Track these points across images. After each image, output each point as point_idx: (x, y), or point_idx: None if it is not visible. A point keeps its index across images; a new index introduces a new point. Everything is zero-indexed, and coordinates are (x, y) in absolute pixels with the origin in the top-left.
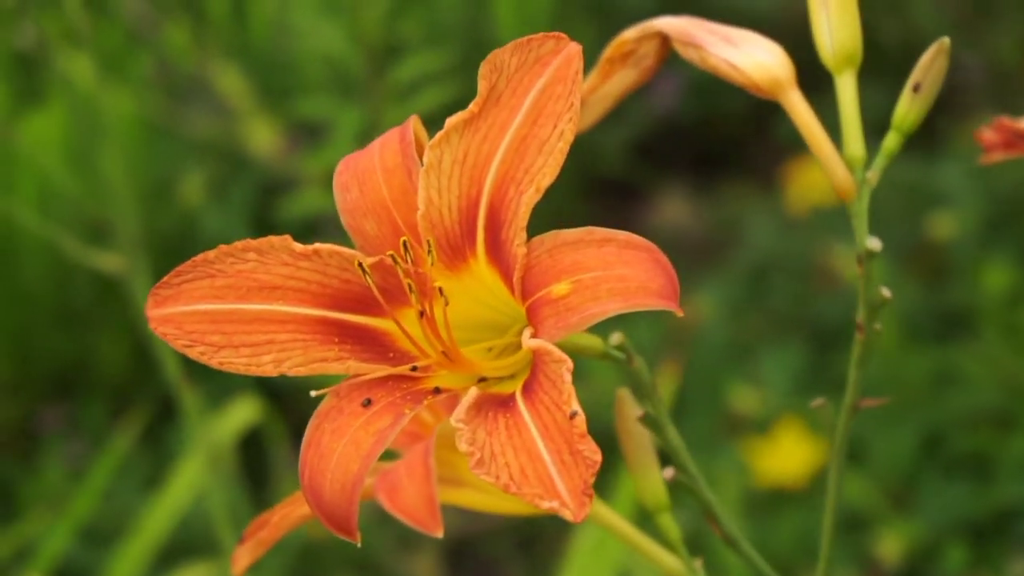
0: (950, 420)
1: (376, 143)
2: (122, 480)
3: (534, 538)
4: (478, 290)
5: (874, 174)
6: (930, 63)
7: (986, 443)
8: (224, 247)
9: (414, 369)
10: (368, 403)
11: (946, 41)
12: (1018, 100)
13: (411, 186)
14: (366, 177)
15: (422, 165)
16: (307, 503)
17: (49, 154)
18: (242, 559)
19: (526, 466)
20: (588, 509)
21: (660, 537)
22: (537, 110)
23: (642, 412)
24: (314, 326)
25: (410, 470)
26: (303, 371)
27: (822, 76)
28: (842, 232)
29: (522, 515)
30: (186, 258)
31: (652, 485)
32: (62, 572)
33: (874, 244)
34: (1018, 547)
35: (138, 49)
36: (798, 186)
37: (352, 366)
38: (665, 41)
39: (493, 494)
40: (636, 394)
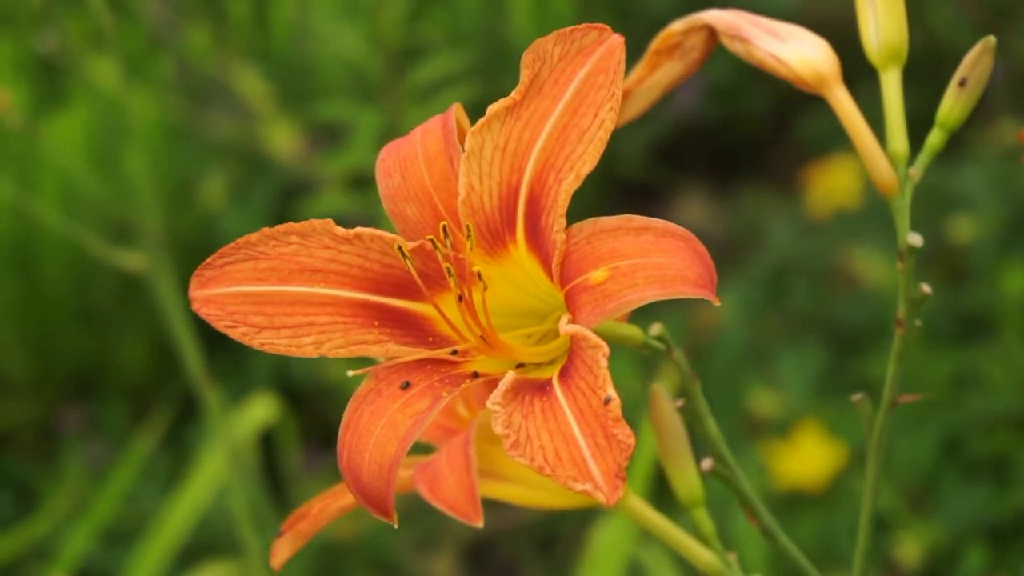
0: (969, 423)
1: (418, 130)
2: (142, 480)
3: (553, 538)
4: (518, 276)
5: (917, 170)
6: (976, 59)
7: (1005, 446)
8: (267, 230)
9: (454, 353)
10: (406, 386)
11: (992, 40)
12: None
13: (453, 172)
14: (408, 163)
15: (464, 152)
16: (345, 484)
17: (72, 156)
18: (281, 551)
19: (560, 449)
20: (621, 492)
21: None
22: (579, 99)
23: (681, 403)
24: (354, 309)
25: (451, 461)
26: (343, 353)
27: (847, 74)
28: (862, 236)
29: (557, 508)
30: (207, 259)
31: (688, 479)
32: (83, 572)
33: (915, 240)
34: None
35: (159, 52)
36: (818, 189)
37: (391, 349)
38: (712, 34)
39: (529, 487)
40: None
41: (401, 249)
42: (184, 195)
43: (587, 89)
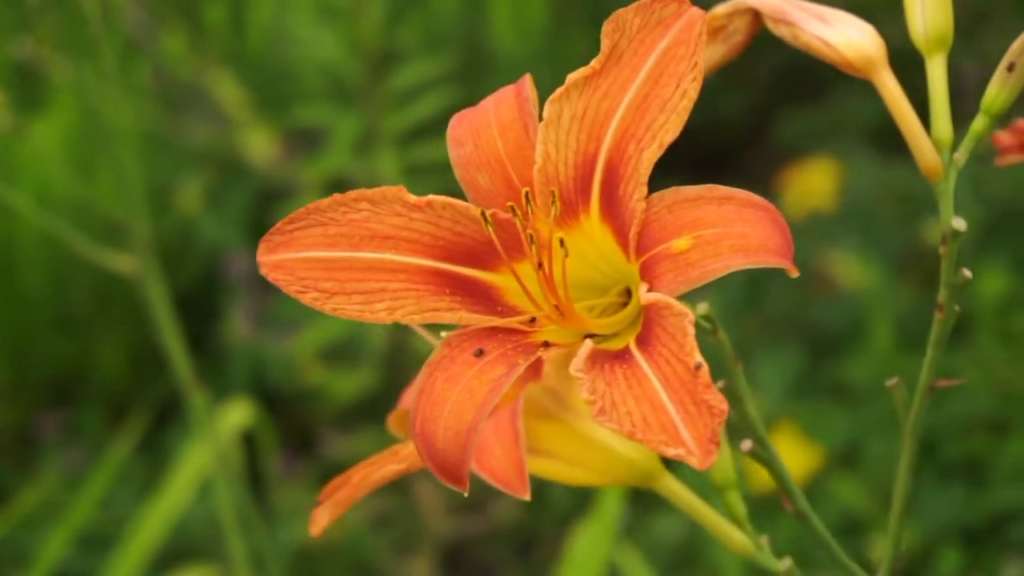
0: (945, 425)
1: (490, 99)
2: (119, 485)
3: (531, 543)
4: (585, 248)
5: (961, 155)
6: (1021, 51)
7: (980, 448)
8: (337, 196)
9: (532, 321)
10: (480, 353)
11: None
12: (1015, 106)
13: (527, 141)
14: (481, 131)
15: (541, 121)
16: (418, 450)
17: (50, 161)
18: (321, 519)
19: (648, 415)
20: (714, 457)
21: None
22: (660, 70)
23: (722, 384)
24: (426, 276)
25: (498, 432)
26: (416, 319)
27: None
28: (838, 238)
29: (596, 486)
30: (184, 265)
31: (721, 461)
32: None
33: (959, 224)
34: (1012, 551)
35: (136, 58)
36: (795, 192)
37: (464, 316)
38: (756, 17)
39: (570, 465)
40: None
41: (484, 214)
42: (161, 201)
43: (668, 60)
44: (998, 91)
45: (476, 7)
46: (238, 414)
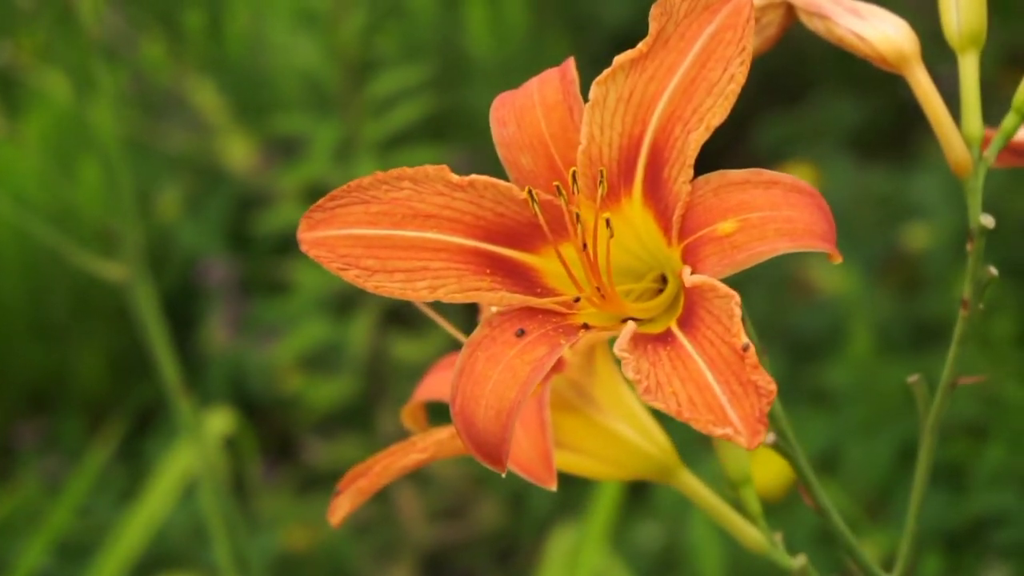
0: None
1: (534, 81)
2: (99, 494)
3: (511, 549)
4: (623, 233)
5: (991, 153)
6: None
7: (961, 453)
8: (379, 174)
9: (576, 301)
10: (521, 333)
11: None
12: (994, 110)
13: (571, 123)
14: (524, 112)
15: (587, 103)
16: (456, 430)
17: (28, 167)
18: (341, 508)
19: (694, 395)
20: (762, 437)
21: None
22: (707, 54)
23: None
24: (467, 256)
25: (525, 424)
26: (459, 298)
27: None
28: None
29: (617, 479)
30: (163, 272)
31: (737, 457)
32: None
33: (988, 221)
34: (993, 556)
35: (115, 64)
36: None
37: (505, 297)
38: (790, 10)
39: (594, 459)
40: None
41: (531, 193)
42: (139, 208)
43: (715, 44)
44: None
45: (454, 14)
46: (219, 422)
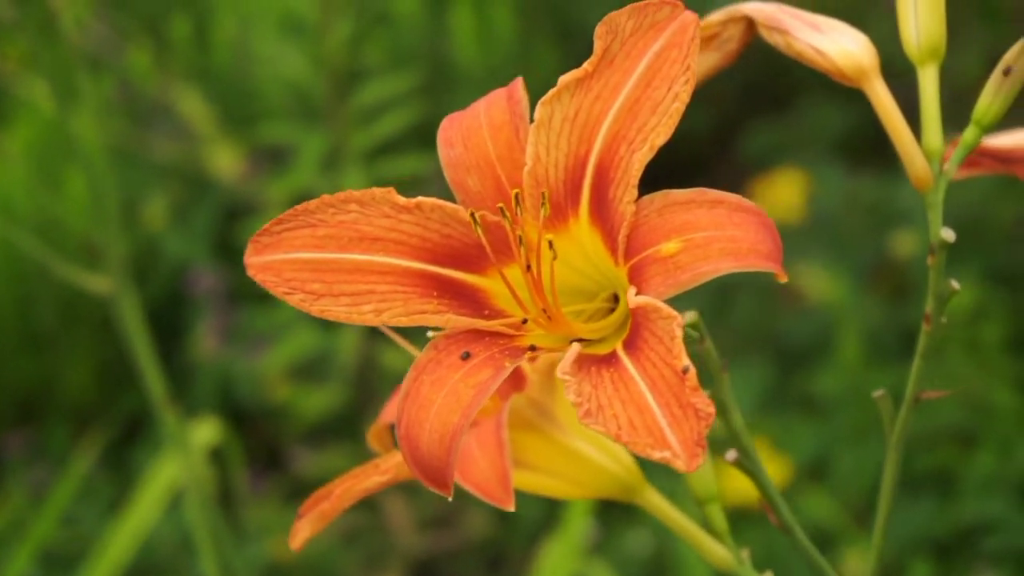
0: (913, 437)
1: (481, 102)
2: (85, 503)
3: (500, 557)
4: (572, 253)
5: (951, 166)
6: (1019, 53)
7: (949, 461)
8: (326, 197)
9: (524, 322)
10: (467, 356)
11: None
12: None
13: (517, 143)
14: (471, 133)
15: (532, 123)
16: (402, 454)
17: (13, 178)
18: (302, 531)
19: (634, 418)
20: (701, 460)
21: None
22: (652, 72)
23: (708, 394)
24: (414, 279)
25: (483, 444)
26: (404, 322)
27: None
28: (805, 251)
29: (578, 499)
30: (149, 282)
31: (703, 475)
32: None
33: (948, 235)
34: (983, 563)
35: (101, 73)
36: (762, 204)
37: (451, 319)
38: (750, 25)
39: (552, 477)
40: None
41: (473, 216)
42: (125, 217)
43: (660, 63)
44: (991, 100)
45: (441, 22)
46: (206, 432)
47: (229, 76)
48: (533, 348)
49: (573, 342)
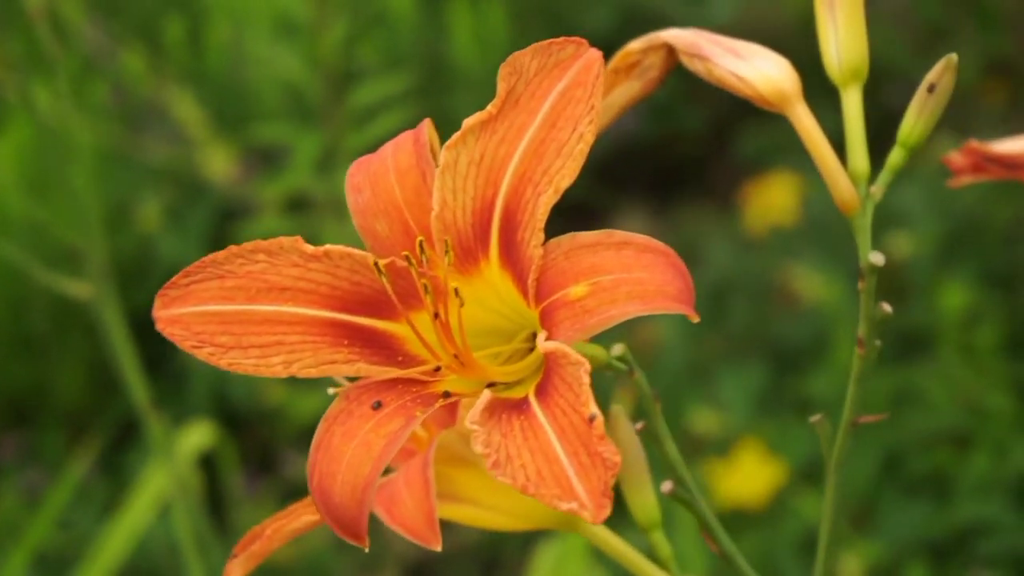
0: (909, 440)
1: (389, 145)
2: (80, 507)
3: (495, 561)
4: (487, 295)
5: (878, 189)
6: (941, 72)
7: (945, 463)
8: (234, 247)
9: (437, 370)
10: (378, 406)
11: (954, 57)
12: (975, 122)
13: (424, 188)
14: (378, 178)
15: (438, 167)
16: (315, 506)
17: (4, 181)
18: (234, 573)
19: (543, 468)
20: (607, 511)
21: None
22: (556, 113)
23: (641, 425)
24: (324, 328)
25: (409, 483)
26: (313, 373)
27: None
28: (800, 253)
29: (514, 531)
30: (143, 285)
31: (646, 501)
32: None
33: (877, 259)
34: (978, 565)
35: (95, 76)
36: (756, 207)
37: (362, 368)
38: (671, 53)
39: (487, 510)
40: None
41: (377, 265)
42: (120, 219)
43: (565, 103)
44: (916, 120)
45: (437, 22)
46: (198, 436)
47: (223, 78)
48: (447, 395)
49: (488, 386)
